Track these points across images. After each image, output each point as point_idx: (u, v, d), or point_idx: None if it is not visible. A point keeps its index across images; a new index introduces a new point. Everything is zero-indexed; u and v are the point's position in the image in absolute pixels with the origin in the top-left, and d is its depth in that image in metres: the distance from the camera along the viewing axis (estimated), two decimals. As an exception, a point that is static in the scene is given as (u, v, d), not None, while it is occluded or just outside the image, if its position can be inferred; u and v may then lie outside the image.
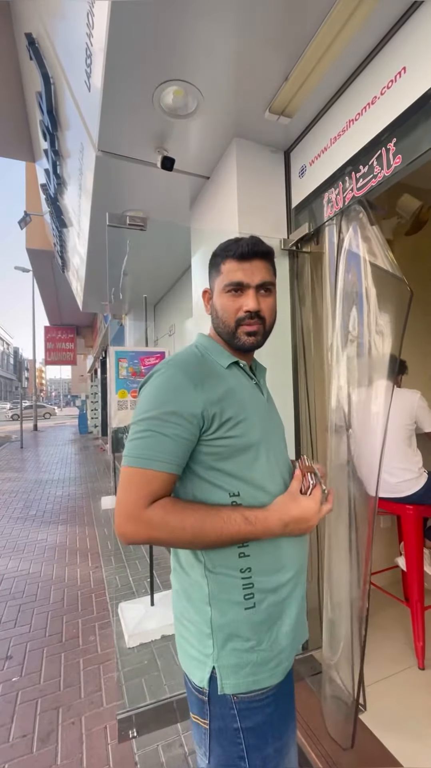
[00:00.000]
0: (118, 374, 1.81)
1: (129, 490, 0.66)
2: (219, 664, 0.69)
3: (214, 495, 0.72)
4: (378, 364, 1.53)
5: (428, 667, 1.79)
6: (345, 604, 1.53)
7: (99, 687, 1.83)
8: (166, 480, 0.68)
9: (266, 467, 0.75)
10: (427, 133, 1.21)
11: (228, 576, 0.71)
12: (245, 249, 0.78)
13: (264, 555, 0.72)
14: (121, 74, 1.51)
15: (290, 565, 0.75)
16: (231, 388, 0.74)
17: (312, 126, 1.78)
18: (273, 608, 0.73)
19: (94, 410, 13.69)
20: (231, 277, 0.78)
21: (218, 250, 0.84)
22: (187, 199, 2.49)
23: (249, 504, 0.72)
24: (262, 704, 0.70)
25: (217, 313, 0.82)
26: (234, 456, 0.72)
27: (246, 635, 0.70)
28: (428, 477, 1.92)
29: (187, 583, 0.75)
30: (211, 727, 0.71)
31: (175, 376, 0.71)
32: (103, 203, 2.47)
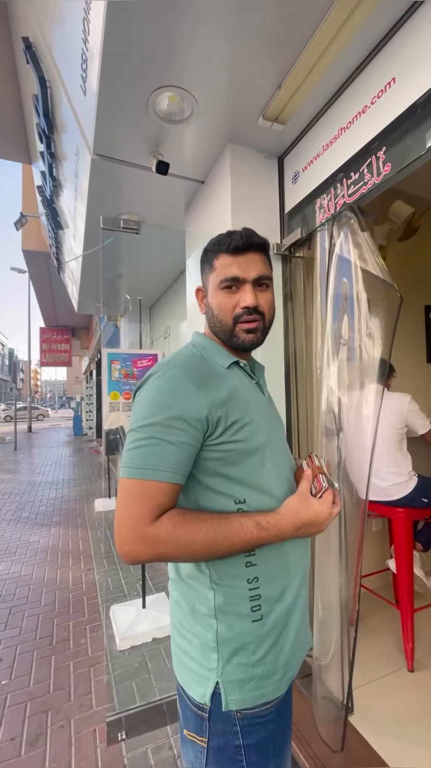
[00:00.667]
0: (111, 376, 1.81)
1: (131, 505, 0.60)
2: (223, 679, 0.66)
3: (219, 503, 0.68)
4: (369, 367, 1.55)
5: (417, 669, 1.80)
6: (335, 606, 1.54)
7: (89, 690, 1.83)
8: (171, 491, 0.62)
9: (272, 471, 0.72)
10: (415, 143, 1.24)
11: (235, 587, 0.67)
12: (239, 242, 0.73)
13: (271, 562, 0.70)
14: (116, 79, 1.53)
15: (295, 571, 0.73)
16: (235, 389, 0.70)
17: (305, 133, 1.80)
18: (279, 618, 0.70)
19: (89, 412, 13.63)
20: (226, 272, 0.73)
21: (210, 244, 0.79)
22: (182, 202, 2.50)
23: (255, 510, 0.69)
24: (266, 720, 0.68)
25: (213, 312, 0.77)
26: (240, 461, 0.68)
27: (252, 648, 0.67)
28: (418, 480, 1.94)
29: (191, 595, 0.71)
30: (209, 746, 0.66)
31: (177, 378, 0.66)
32: (98, 206, 2.48)
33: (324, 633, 1.55)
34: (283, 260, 1.98)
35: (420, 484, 1.93)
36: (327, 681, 1.53)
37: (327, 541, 1.58)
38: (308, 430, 1.92)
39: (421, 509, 1.94)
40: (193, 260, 2.44)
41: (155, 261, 3.47)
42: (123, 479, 0.63)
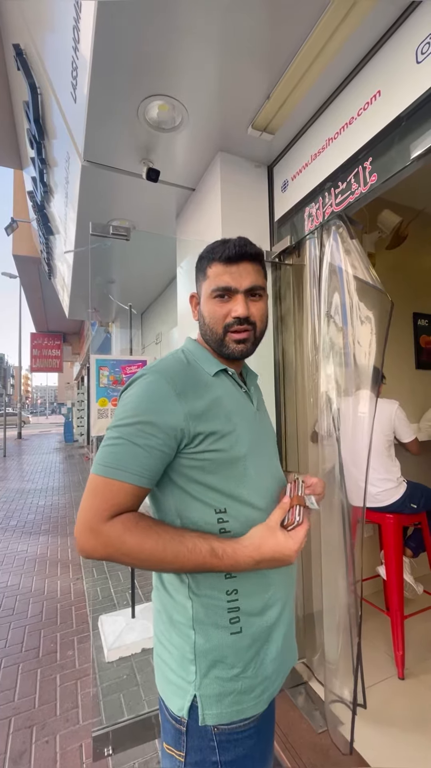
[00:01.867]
0: (99, 382, 1.80)
1: (92, 500, 0.62)
2: (201, 692, 0.65)
3: (199, 510, 0.67)
4: (362, 373, 1.56)
5: (408, 676, 1.80)
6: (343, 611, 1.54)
7: (75, 704, 1.78)
8: (133, 493, 0.62)
9: (255, 481, 0.71)
10: (400, 154, 1.26)
11: (213, 598, 0.67)
12: (232, 251, 0.72)
13: (252, 576, 0.68)
14: (107, 87, 1.53)
15: (278, 586, 0.71)
16: (218, 398, 0.70)
17: (293, 143, 1.83)
18: (259, 633, 0.68)
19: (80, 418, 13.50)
20: (218, 281, 0.73)
21: (204, 252, 0.78)
22: (172, 209, 2.52)
23: (237, 520, 0.68)
24: (244, 736, 0.66)
25: (204, 320, 0.77)
26: (220, 470, 0.68)
27: (230, 662, 0.66)
28: (407, 486, 1.95)
29: (170, 605, 0.70)
30: (187, 760, 0.65)
31: (158, 384, 0.66)
32: (88, 212, 2.48)
33: (331, 637, 1.55)
34: (273, 267, 1.99)
35: (409, 490, 1.94)
36: (336, 685, 1.53)
37: (332, 547, 1.58)
38: (297, 437, 1.92)
39: (410, 515, 1.94)
40: (184, 267, 2.45)
41: (146, 267, 3.48)
42: (91, 474, 0.64)
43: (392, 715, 1.60)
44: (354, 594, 1.51)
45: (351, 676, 1.44)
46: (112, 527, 0.60)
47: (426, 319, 2.89)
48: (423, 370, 2.84)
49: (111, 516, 0.61)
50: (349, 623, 1.52)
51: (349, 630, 1.52)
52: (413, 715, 1.60)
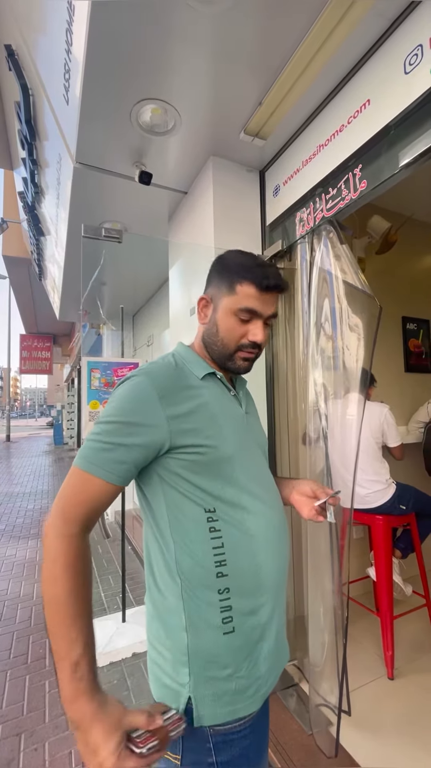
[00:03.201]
0: (90, 385, 1.79)
1: (68, 490, 0.64)
2: (195, 694, 0.65)
3: (190, 509, 0.69)
4: (351, 376, 1.58)
5: (397, 676, 1.81)
6: (329, 613, 1.55)
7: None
8: (105, 490, 0.64)
9: (244, 483, 0.72)
10: (389, 162, 1.29)
11: (205, 598, 0.67)
12: (271, 282, 0.74)
13: (243, 575, 0.69)
14: (99, 90, 1.54)
15: (269, 585, 0.72)
16: (203, 401, 0.72)
17: (285, 148, 1.85)
18: (252, 632, 0.69)
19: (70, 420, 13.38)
20: (248, 303, 0.74)
21: (235, 265, 0.76)
22: (165, 212, 2.52)
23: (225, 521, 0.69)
24: (239, 736, 0.67)
25: (217, 330, 0.77)
26: (206, 471, 0.69)
27: (224, 662, 0.66)
28: (395, 487, 1.97)
29: (162, 607, 0.70)
30: (183, 762, 0.65)
31: (143, 385, 0.68)
32: (80, 214, 2.47)
33: (317, 640, 1.56)
34: (265, 271, 2.01)
35: (398, 491, 1.97)
36: (321, 687, 1.53)
37: (319, 549, 1.59)
38: (289, 440, 1.94)
39: (399, 516, 1.97)
40: (176, 270, 2.45)
41: (138, 270, 3.47)
42: (73, 465, 0.66)
43: (381, 715, 1.62)
44: (340, 596, 1.52)
45: (337, 680, 1.44)
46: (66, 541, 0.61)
47: (415, 323, 2.94)
48: (412, 374, 2.88)
49: (84, 510, 0.63)
50: (335, 626, 1.53)
51: (335, 633, 1.53)
52: (402, 714, 1.61)
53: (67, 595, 0.58)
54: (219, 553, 0.68)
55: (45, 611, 0.59)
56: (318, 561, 1.60)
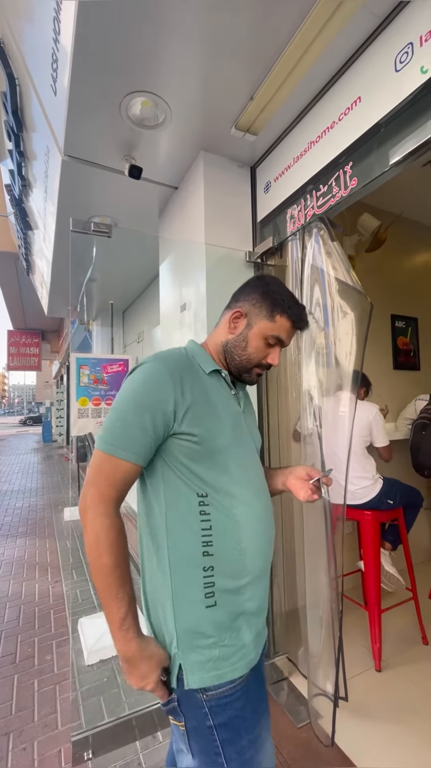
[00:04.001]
0: (79, 381, 1.77)
1: (98, 475, 0.71)
2: (183, 661, 0.72)
3: (183, 490, 0.75)
4: (342, 373, 1.59)
5: (385, 668, 1.85)
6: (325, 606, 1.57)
7: (54, 709, 1.75)
8: (130, 470, 0.72)
9: (235, 473, 0.78)
10: (379, 160, 1.29)
11: (190, 573, 0.73)
12: (304, 324, 0.88)
13: (228, 556, 0.75)
14: (88, 81, 1.51)
15: (251, 569, 0.78)
16: (207, 393, 0.79)
17: (276, 144, 1.84)
18: (234, 607, 0.75)
19: (59, 418, 13.23)
20: (280, 332, 0.85)
21: (278, 296, 0.86)
22: (155, 207, 2.50)
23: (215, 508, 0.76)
24: (232, 699, 0.73)
25: (246, 346, 0.86)
26: (202, 460, 0.75)
27: (207, 632, 0.73)
28: (383, 483, 2.00)
29: (155, 582, 0.77)
30: (187, 727, 0.73)
31: (158, 370, 0.75)
32: (69, 208, 2.43)
33: (315, 631, 1.57)
34: (255, 268, 2.01)
35: (385, 486, 1.99)
36: (319, 678, 1.55)
37: (315, 542, 1.60)
38: (279, 436, 1.95)
39: (387, 511, 2.00)
40: (167, 266, 2.43)
41: (128, 266, 3.43)
42: (96, 450, 0.73)
43: (369, 706, 1.64)
44: (335, 589, 1.54)
45: (333, 669, 1.47)
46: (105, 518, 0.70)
47: (403, 321, 2.97)
48: (400, 371, 2.92)
49: (113, 489, 0.71)
50: (331, 618, 1.55)
51: (331, 624, 1.55)
52: (390, 705, 1.64)
53: (114, 565, 0.69)
54: (207, 534, 0.75)
55: (94, 579, 0.70)
56: (314, 554, 1.61)
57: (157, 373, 0.75)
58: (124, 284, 4.04)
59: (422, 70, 1.15)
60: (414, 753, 1.42)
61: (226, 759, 0.71)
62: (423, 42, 1.15)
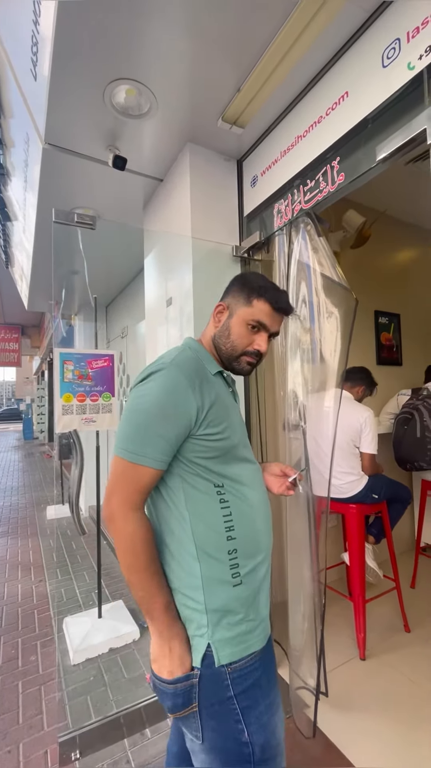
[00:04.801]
0: (63, 377, 1.72)
1: (123, 483, 0.75)
2: (214, 639, 0.76)
3: (201, 484, 0.80)
4: (328, 369, 1.60)
5: (369, 657, 1.89)
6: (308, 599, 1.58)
7: (39, 710, 1.72)
8: (154, 476, 0.76)
9: (243, 463, 0.86)
10: (366, 156, 1.29)
11: (218, 557, 0.78)
12: (284, 306, 0.90)
13: (247, 538, 0.82)
14: (70, 67, 1.46)
15: (263, 546, 0.85)
16: (219, 394, 0.83)
17: (263, 138, 1.83)
18: (254, 584, 0.82)
19: (40, 415, 12.96)
20: (260, 317, 0.88)
21: (254, 283, 0.90)
22: (139, 199, 2.45)
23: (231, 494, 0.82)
24: (252, 669, 0.78)
25: (230, 335, 0.89)
26: (218, 455, 0.81)
27: (236, 610, 0.78)
28: (368, 478, 2.03)
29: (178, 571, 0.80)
30: (200, 706, 0.76)
31: (178, 378, 0.77)
32: (50, 198, 2.36)
33: (297, 625, 1.59)
34: (242, 263, 2.00)
35: (370, 482, 2.02)
36: (301, 670, 1.57)
37: (298, 537, 1.62)
38: (266, 430, 1.95)
39: (371, 505, 2.03)
40: (152, 259, 2.40)
41: (112, 259, 3.37)
42: (117, 457, 0.76)
43: (355, 694, 1.68)
44: (317, 583, 1.56)
45: (315, 663, 1.49)
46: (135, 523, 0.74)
47: (386, 317, 3.02)
48: (384, 366, 2.97)
49: (138, 495, 0.75)
50: (313, 612, 1.57)
51: (313, 618, 1.57)
52: (374, 693, 1.68)
53: (149, 562, 0.75)
54: (229, 521, 0.80)
55: (134, 578, 0.74)
56: (297, 549, 1.63)
57: (178, 383, 0.77)
58: (108, 278, 3.96)
59: (409, 66, 1.15)
60: (396, 739, 1.46)
61: (246, 724, 0.76)
62: (411, 38, 1.15)
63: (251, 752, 0.75)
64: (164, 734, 1.57)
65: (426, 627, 2.10)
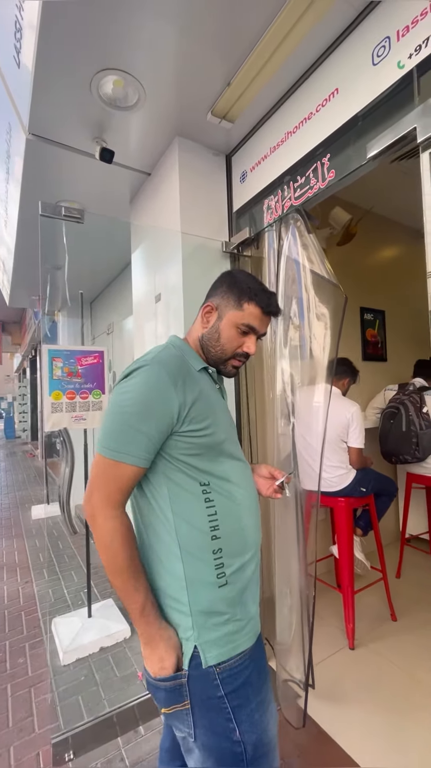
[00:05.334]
0: (52, 374, 1.68)
1: (104, 479, 0.74)
2: (200, 641, 0.76)
3: (186, 483, 0.79)
4: (318, 365, 1.62)
5: (357, 646, 1.93)
6: (295, 594, 1.60)
7: (30, 712, 1.70)
8: (137, 473, 0.75)
9: (231, 461, 0.85)
10: (356, 153, 1.31)
11: (202, 558, 0.77)
12: (274, 309, 0.90)
13: (233, 537, 0.80)
14: (56, 56, 1.42)
15: (251, 543, 0.84)
16: (202, 390, 0.82)
17: (252, 133, 1.82)
18: (242, 583, 0.81)
19: (22, 413, 12.69)
20: (250, 320, 0.88)
21: (245, 285, 0.88)
22: (126, 193, 2.41)
23: (217, 492, 0.81)
24: (242, 667, 0.78)
25: (219, 338, 0.89)
26: (203, 452, 0.80)
27: (221, 610, 0.78)
28: (356, 472, 2.07)
29: (161, 573, 0.79)
30: (193, 703, 0.75)
31: (160, 375, 0.76)
32: (33, 191, 2.30)
33: (284, 619, 1.60)
34: (231, 258, 1.99)
35: (358, 475, 2.06)
36: (288, 664, 1.59)
37: (286, 532, 1.63)
38: (257, 425, 1.96)
39: (359, 498, 2.07)
40: (140, 254, 2.37)
41: (97, 254, 3.31)
42: (99, 456, 0.75)
43: (345, 683, 1.72)
44: (307, 576, 1.58)
45: (302, 655, 1.51)
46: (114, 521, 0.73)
47: (372, 314, 3.06)
48: (369, 362, 3.02)
49: (120, 494, 0.74)
50: (301, 605, 1.59)
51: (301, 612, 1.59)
52: (362, 681, 1.72)
53: (129, 561, 0.74)
54: (213, 519, 0.79)
55: (112, 577, 0.74)
56: (285, 544, 1.64)
57: (160, 380, 0.76)
58: (93, 273, 3.89)
59: (399, 65, 1.17)
60: (386, 725, 1.50)
61: (237, 722, 0.75)
62: (401, 37, 1.16)
63: (243, 751, 0.75)
64: (157, 731, 1.57)
65: (412, 615, 2.16)
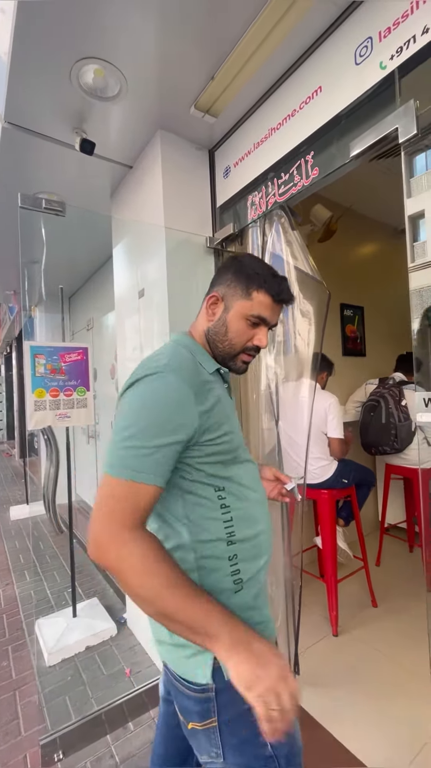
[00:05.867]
0: (35, 371, 1.64)
1: (119, 503, 0.63)
2: None
3: (202, 490, 0.74)
4: (302, 360, 1.64)
5: (341, 633, 1.99)
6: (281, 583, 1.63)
7: (15, 715, 1.67)
8: (156, 492, 0.66)
9: (244, 462, 0.81)
10: (340, 151, 1.33)
11: (218, 566, 0.73)
12: (285, 296, 0.82)
13: (248, 542, 0.76)
14: (33, 42, 1.37)
15: (266, 547, 0.81)
16: (218, 395, 0.76)
17: (236, 128, 1.82)
18: (256, 588, 0.78)
19: (-3, 411, 12.30)
20: (261, 310, 0.80)
21: (252, 272, 0.81)
22: (107, 186, 2.36)
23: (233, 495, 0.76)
24: None
25: (227, 331, 0.82)
26: (219, 458, 0.75)
27: (240, 615, 0.70)
28: (338, 463, 2.12)
29: None
30: (220, 721, 0.70)
31: (177, 387, 0.69)
32: (8, 182, 2.22)
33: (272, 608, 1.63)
34: (215, 254, 1.99)
35: (340, 467, 2.11)
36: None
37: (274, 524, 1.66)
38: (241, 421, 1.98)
39: (341, 489, 2.13)
40: (121, 249, 2.33)
41: (76, 248, 3.23)
42: (110, 477, 0.64)
43: (329, 670, 1.77)
44: (293, 567, 1.62)
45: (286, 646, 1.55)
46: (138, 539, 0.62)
47: (351, 310, 3.13)
48: (349, 357, 3.09)
49: (136, 522, 0.63)
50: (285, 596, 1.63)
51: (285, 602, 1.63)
52: (346, 666, 1.78)
53: (172, 576, 0.62)
54: (229, 525, 0.74)
55: (159, 603, 0.60)
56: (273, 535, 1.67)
57: (178, 391, 0.68)
58: (71, 268, 3.80)
59: (381, 65, 1.19)
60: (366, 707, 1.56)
61: None
62: (382, 38, 1.18)
63: (277, 765, 0.71)
64: (147, 726, 1.57)
65: (391, 601, 2.24)
